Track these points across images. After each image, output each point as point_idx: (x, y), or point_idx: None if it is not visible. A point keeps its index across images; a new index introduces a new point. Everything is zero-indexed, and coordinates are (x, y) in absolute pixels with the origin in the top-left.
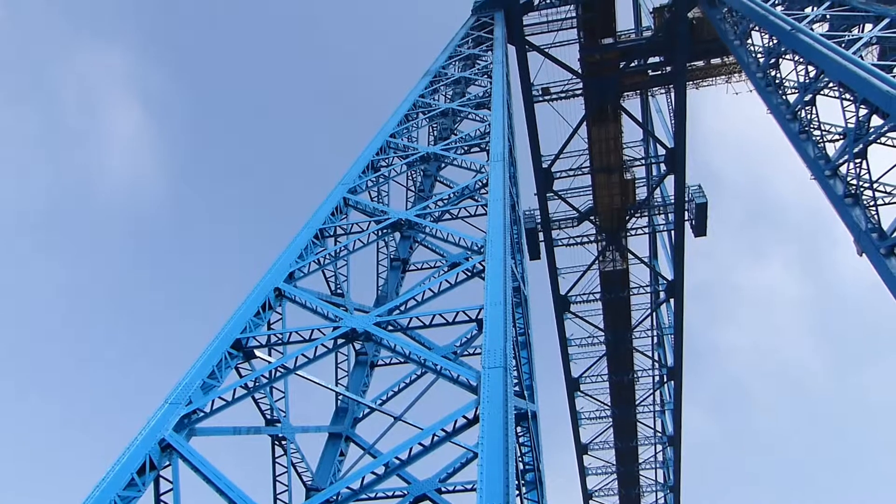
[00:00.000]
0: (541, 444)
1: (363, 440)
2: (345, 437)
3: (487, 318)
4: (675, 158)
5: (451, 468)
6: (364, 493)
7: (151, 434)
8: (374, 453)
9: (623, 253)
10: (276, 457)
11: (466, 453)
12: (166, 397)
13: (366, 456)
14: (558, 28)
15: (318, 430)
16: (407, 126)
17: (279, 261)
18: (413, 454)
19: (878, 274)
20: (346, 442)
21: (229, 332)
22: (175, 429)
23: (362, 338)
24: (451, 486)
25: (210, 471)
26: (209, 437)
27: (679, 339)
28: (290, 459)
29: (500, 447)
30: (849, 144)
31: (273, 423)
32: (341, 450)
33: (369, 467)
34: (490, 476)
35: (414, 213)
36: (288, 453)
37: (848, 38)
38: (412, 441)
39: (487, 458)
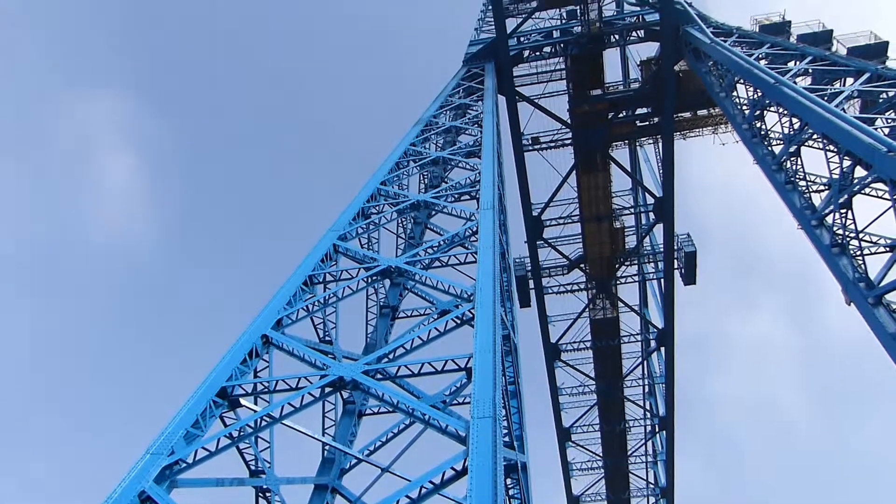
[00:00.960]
0: (531, 497)
1: (350, 492)
2: (331, 489)
3: (476, 366)
4: (664, 207)
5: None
6: None
7: (131, 486)
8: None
9: (613, 301)
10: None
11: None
12: (148, 447)
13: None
14: (547, 79)
15: (303, 481)
16: (398, 174)
17: (267, 307)
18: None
19: (866, 323)
20: (333, 494)
21: (214, 381)
22: (156, 480)
23: (350, 386)
24: None
25: None
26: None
27: (670, 389)
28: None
29: (488, 500)
30: (834, 195)
31: (257, 475)
32: (327, 502)
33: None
34: None
35: (404, 261)
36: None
37: (830, 91)
38: (400, 493)
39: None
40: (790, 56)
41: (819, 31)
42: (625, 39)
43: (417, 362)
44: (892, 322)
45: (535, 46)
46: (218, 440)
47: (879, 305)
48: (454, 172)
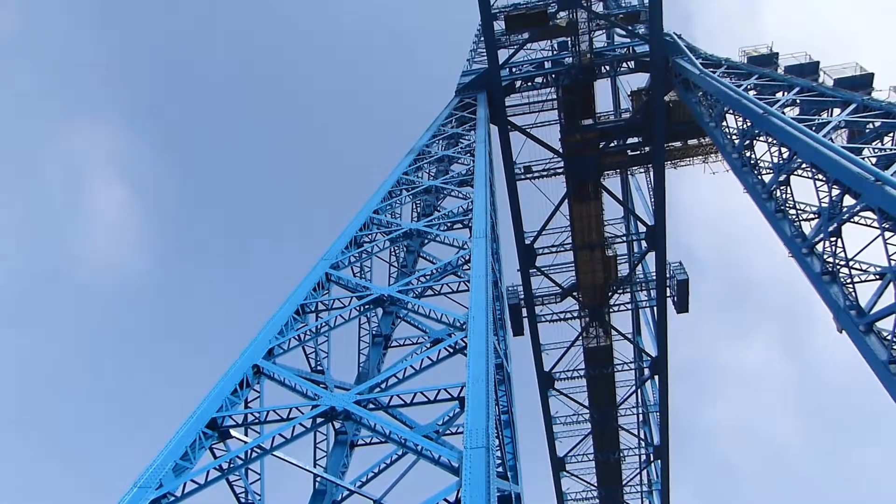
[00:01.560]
0: None
1: None
2: None
3: (469, 396)
4: (656, 236)
5: None
6: None
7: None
8: None
9: (606, 329)
10: None
11: None
12: (135, 480)
13: None
14: (539, 109)
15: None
16: (391, 202)
17: (258, 337)
18: None
19: (858, 350)
20: None
21: (204, 412)
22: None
23: (342, 417)
24: None
25: None
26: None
27: (665, 417)
28: None
29: None
30: (823, 223)
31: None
32: None
33: None
34: None
35: (396, 289)
36: None
37: (818, 121)
38: None
39: None
40: (778, 87)
41: (806, 63)
42: (615, 70)
43: (410, 392)
44: (884, 349)
45: (526, 77)
46: (207, 472)
47: (870, 333)
48: (447, 201)
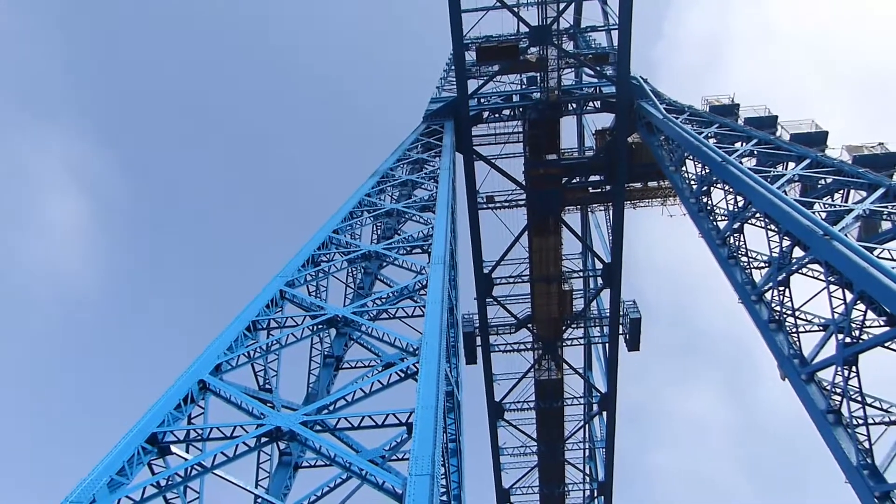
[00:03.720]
0: None
1: None
2: None
3: (418, 422)
4: (612, 273)
5: None
6: None
7: None
8: None
9: (558, 363)
10: None
11: None
12: (67, 495)
13: None
14: (505, 141)
15: None
16: (351, 223)
17: (206, 352)
18: None
19: (798, 399)
20: None
21: (145, 426)
22: None
23: (287, 437)
24: None
25: None
26: None
27: (611, 454)
28: None
29: None
30: (773, 273)
31: None
32: None
33: None
34: None
35: (351, 310)
36: None
37: (773, 173)
38: None
39: None
40: (737, 137)
41: (765, 116)
42: (582, 108)
43: (358, 415)
44: (823, 399)
45: (494, 108)
46: (144, 489)
47: (811, 382)
48: (407, 225)
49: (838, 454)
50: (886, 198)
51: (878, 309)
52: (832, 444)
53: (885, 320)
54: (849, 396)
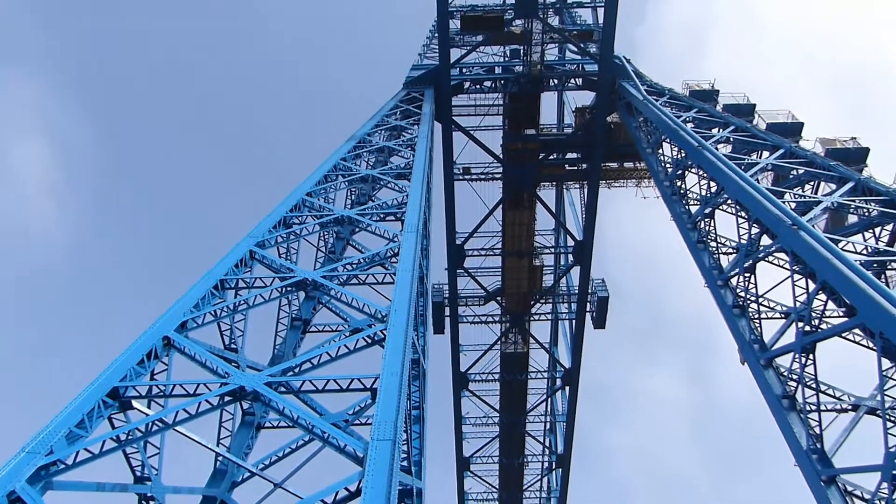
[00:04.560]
0: None
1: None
2: (220, 502)
3: (382, 388)
4: (583, 251)
5: None
6: None
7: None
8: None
9: (525, 337)
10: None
11: None
12: (24, 445)
13: None
14: (485, 113)
15: (191, 491)
16: (325, 187)
17: (172, 308)
18: None
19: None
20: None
21: (106, 380)
22: (29, 480)
23: (250, 397)
24: None
25: None
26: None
27: (571, 428)
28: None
29: None
30: (740, 259)
31: (143, 481)
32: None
33: None
34: None
35: (321, 274)
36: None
37: (747, 161)
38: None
39: None
40: (715, 123)
41: (743, 104)
42: (563, 85)
43: (323, 378)
44: (779, 384)
45: (476, 79)
46: (103, 442)
47: (769, 368)
48: (382, 192)
49: (790, 438)
50: (855, 192)
51: (839, 300)
52: (785, 428)
53: (845, 311)
54: (804, 383)
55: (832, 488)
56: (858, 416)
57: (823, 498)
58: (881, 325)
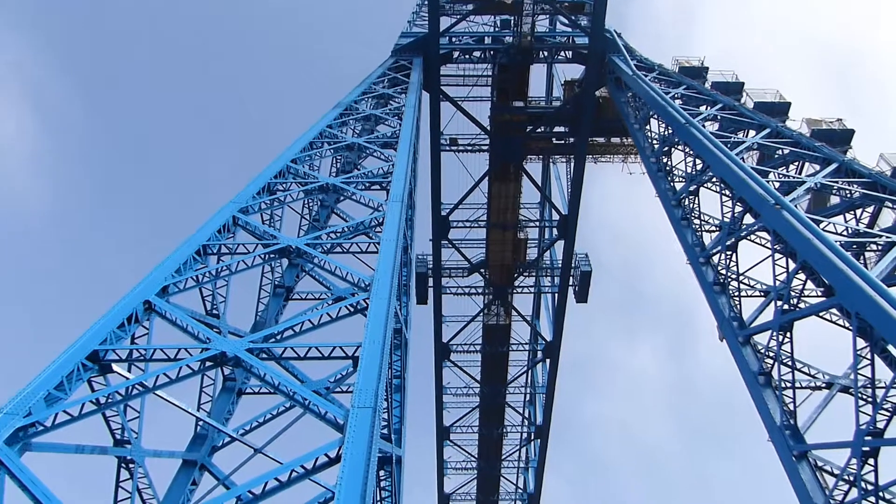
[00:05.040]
0: (402, 490)
1: (219, 470)
2: (200, 466)
3: (364, 356)
4: (567, 225)
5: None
6: None
7: None
8: (228, 485)
9: (507, 309)
10: (121, 480)
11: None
12: (1, 406)
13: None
14: (473, 83)
15: (171, 455)
16: (310, 154)
17: (153, 272)
18: (268, 489)
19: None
20: (201, 471)
21: (86, 343)
22: (7, 441)
23: (232, 363)
24: None
25: (40, 490)
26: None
27: (550, 400)
28: (136, 484)
29: (358, 489)
30: (723, 237)
31: (123, 444)
32: (194, 478)
33: (220, 499)
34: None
35: (304, 242)
36: (134, 477)
37: (733, 139)
38: (269, 475)
39: (344, 499)
40: (703, 100)
41: (732, 82)
42: (553, 57)
43: (305, 346)
44: (756, 361)
45: (465, 49)
46: (83, 405)
47: (747, 345)
48: (368, 161)
49: (764, 414)
50: (838, 173)
51: (818, 280)
52: (760, 404)
53: (823, 291)
54: (780, 360)
55: (803, 463)
56: (832, 394)
57: (794, 472)
58: (858, 305)
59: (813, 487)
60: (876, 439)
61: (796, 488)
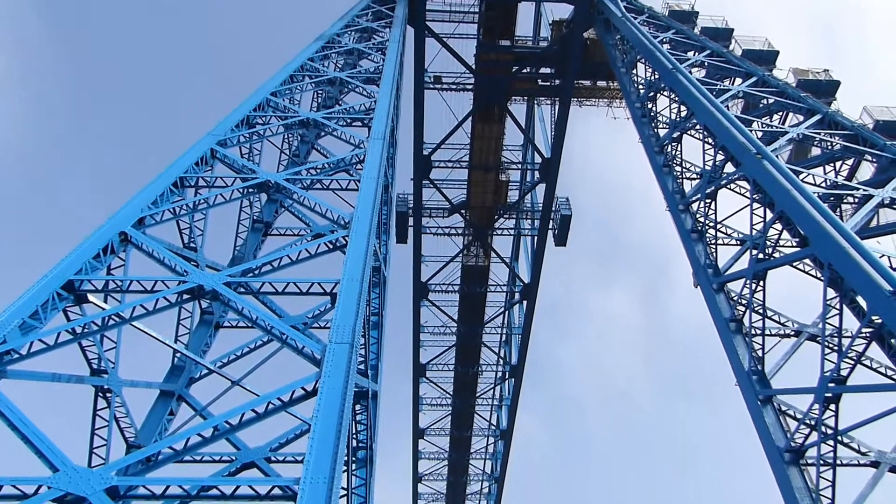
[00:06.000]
0: (377, 425)
1: (196, 401)
2: (177, 397)
3: (342, 293)
4: (549, 168)
5: (283, 438)
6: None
7: None
8: (205, 415)
9: (487, 250)
10: (98, 409)
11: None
12: None
13: (197, 417)
14: (460, 20)
15: (148, 385)
16: (290, 87)
17: (129, 203)
18: (245, 420)
19: (707, 306)
20: (178, 401)
21: (61, 272)
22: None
23: (209, 296)
24: (281, 457)
25: (16, 416)
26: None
27: (525, 340)
28: (113, 413)
29: (334, 422)
30: (703, 185)
31: (99, 374)
32: (171, 409)
33: (197, 429)
34: (319, 449)
35: (284, 177)
36: (112, 406)
37: (719, 87)
38: (245, 406)
39: (320, 431)
40: (691, 46)
41: (721, 28)
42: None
43: (283, 281)
44: (728, 308)
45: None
46: (58, 334)
47: (721, 292)
48: (349, 96)
49: (733, 359)
50: (821, 124)
51: (794, 230)
52: (729, 349)
53: (798, 241)
54: (752, 308)
55: (768, 407)
56: (800, 342)
57: (759, 416)
58: (831, 256)
59: (776, 430)
60: (839, 386)
61: (760, 431)
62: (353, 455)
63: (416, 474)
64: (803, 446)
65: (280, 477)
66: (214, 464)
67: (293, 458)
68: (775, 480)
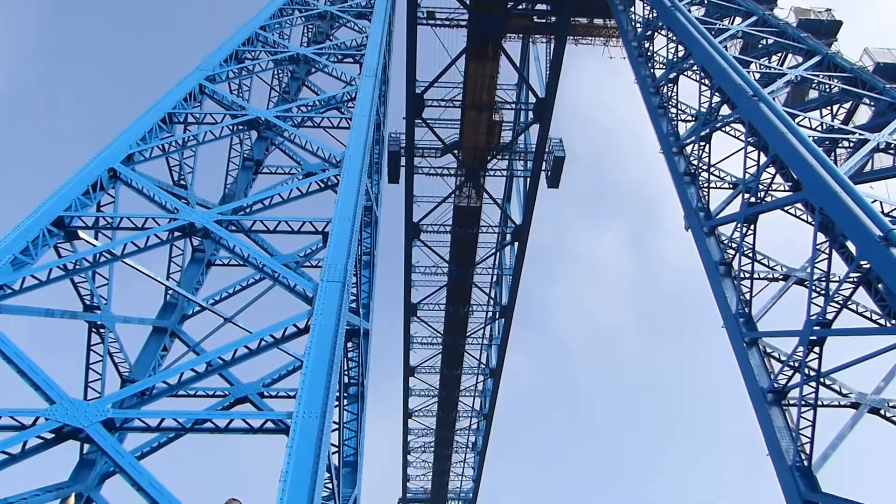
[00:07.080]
0: (368, 361)
1: (189, 337)
2: (170, 333)
3: (334, 232)
4: (544, 109)
5: (276, 374)
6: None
7: None
8: (198, 351)
9: (479, 191)
10: (92, 344)
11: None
12: None
13: (190, 353)
14: None
15: (141, 321)
16: (280, 21)
17: (118, 139)
18: (237, 356)
19: (697, 249)
20: (172, 338)
21: (51, 209)
22: None
23: (200, 234)
24: (274, 392)
25: (11, 350)
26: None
27: (516, 281)
28: (108, 348)
29: (326, 359)
30: (698, 127)
31: (92, 310)
32: (165, 345)
33: (190, 364)
34: (312, 384)
35: (274, 114)
36: (105, 341)
37: (718, 26)
38: (238, 343)
39: (312, 367)
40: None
41: None
42: None
43: (274, 219)
44: (718, 251)
45: None
46: (50, 270)
47: (711, 235)
48: (341, 32)
49: (721, 301)
50: (820, 66)
51: (787, 174)
52: (717, 292)
53: (791, 186)
54: (742, 252)
55: (753, 349)
56: (787, 286)
57: (744, 357)
58: (823, 200)
59: (759, 371)
60: (824, 329)
61: (744, 371)
62: (345, 391)
63: (406, 411)
64: (786, 387)
65: (273, 411)
66: (208, 398)
67: (286, 393)
68: (757, 419)
